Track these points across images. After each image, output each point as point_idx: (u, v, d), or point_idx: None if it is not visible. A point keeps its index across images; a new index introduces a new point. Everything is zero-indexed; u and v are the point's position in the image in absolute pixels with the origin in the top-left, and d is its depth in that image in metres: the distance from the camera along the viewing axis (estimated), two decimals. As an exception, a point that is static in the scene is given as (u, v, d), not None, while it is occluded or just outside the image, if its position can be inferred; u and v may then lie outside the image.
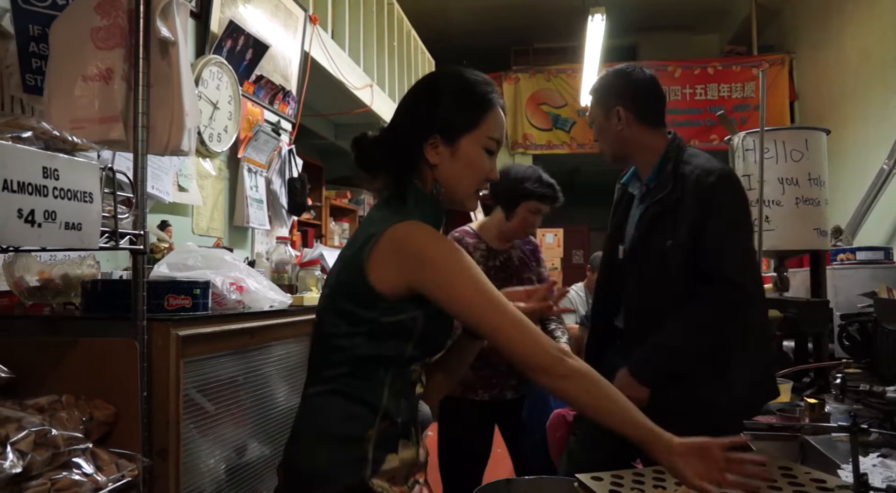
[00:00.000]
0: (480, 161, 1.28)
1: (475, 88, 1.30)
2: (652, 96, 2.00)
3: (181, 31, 1.66)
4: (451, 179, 1.28)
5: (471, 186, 1.29)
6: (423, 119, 1.28)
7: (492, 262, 2.47)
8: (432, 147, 1.27)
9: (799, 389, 2.26)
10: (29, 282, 1.66)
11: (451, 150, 1.27)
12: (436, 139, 1.26)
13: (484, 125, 1.28)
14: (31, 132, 1.26)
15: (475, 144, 1.27)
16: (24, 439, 1.21)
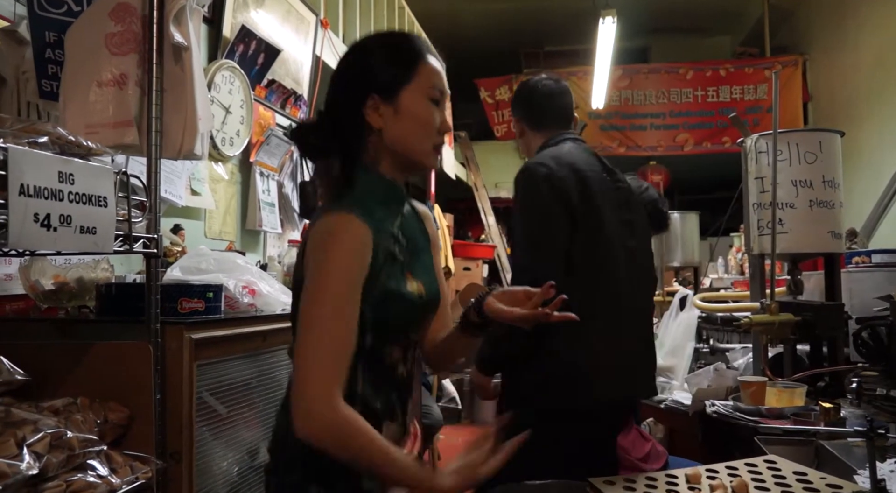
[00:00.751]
0: (428, 113, 1.20)
1: (402, 41, 1.24)
2: (543, 104, 2.06)
3: (194, 37, 1.67)
4: (401, 139, 1.19)
5: (425, 142, 1.21)
6: (355, 83, 1.20)
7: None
8: (373, 110, 1.18)
9: (814, 393, 2.24)
10: (44, 285, 1.68)
11: (393, 107, 1.18)
12: (374, 100, 1.18)
13: (421, 74, 1.20)
14: (46, 137, 1.27)
15: (418, 95, 1.19)
16: (40, 441, 1.22)
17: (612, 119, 8.49)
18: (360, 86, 1.19)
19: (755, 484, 1.46)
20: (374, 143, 1.20)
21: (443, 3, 8.03)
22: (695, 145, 8.32)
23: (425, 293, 1.23)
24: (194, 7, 1.68)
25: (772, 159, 2.48)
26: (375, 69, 1.19)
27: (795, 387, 2.15)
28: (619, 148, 8.52)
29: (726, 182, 4.90)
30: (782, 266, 2.98)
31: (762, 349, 2.45)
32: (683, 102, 8.34)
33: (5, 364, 1.39)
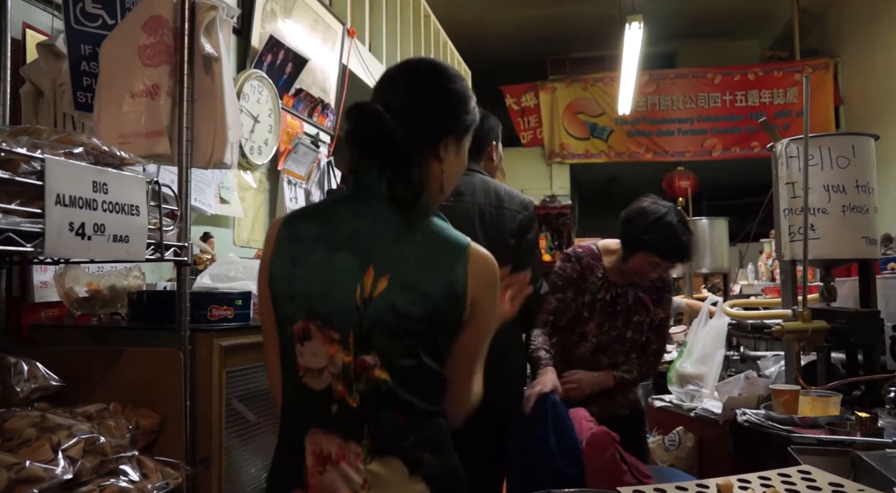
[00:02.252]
0: (466, 159, 1.32)
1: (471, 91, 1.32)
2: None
3: (224, 47, 1.69)
4: (450, 177, 1.28)
5: (455, 182, 1.33)
6: (450, 118, 1.25)
7: (602, 294, 2.27)
8: (444, 145, 1.24)
9: (849, 402, 2.19)
10: (78, 293, 1.71)
11: (457, 149, 1.28)
12: (453, 138, 1.26)
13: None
14: (81, 148, 1.30)
15: (467, 144, 1.31)
16: (75, 446, 1.24)
17: (638, 125, 8.43)
18: (452, 122, 1.26)
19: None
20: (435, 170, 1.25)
21: (468, 11, 8.06)
22: (723, 150, 8.23)
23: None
24: (224, 18, 1.70)
25: (803, 164, 2.44)
26: (469, 116, 1.29)
27: (830, 396, 2.11)
28: (646, 154, 8.46)
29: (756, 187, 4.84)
30: (814, 272, 2.92)
31: (795, 357, 2.40)
32: (711, 106, 8.26)
33: (41, 370, 1.42)
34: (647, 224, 2.13)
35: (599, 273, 2.28)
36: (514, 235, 2.10)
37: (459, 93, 1.28)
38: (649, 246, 2.13)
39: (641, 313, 2.30)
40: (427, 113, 1.23)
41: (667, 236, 2.11)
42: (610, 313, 2.27)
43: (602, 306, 2.26)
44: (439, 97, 1.26)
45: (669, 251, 2.14)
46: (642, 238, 2.13)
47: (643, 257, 2.16)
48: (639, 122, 8.41)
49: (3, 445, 1.21)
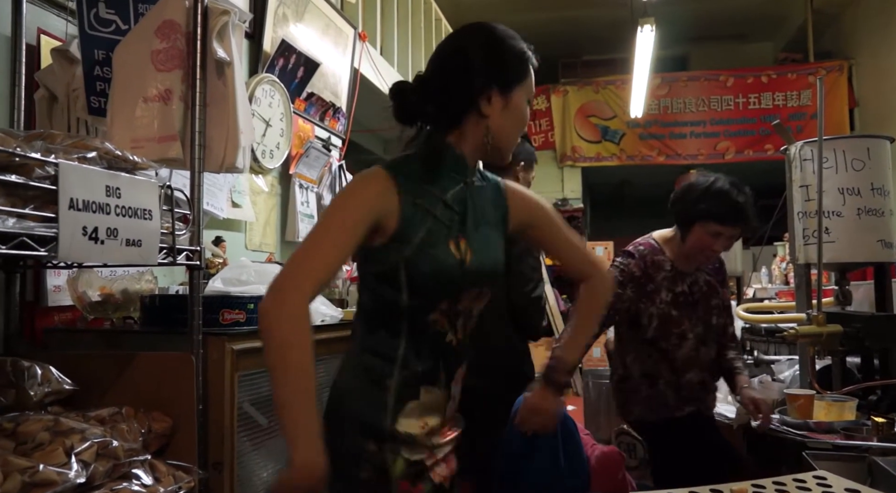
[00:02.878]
0: (525, 113, 1.31)
1: (520, 42, 1.33)
2: None
3: (236, 52, 1.70)
4: (501, 131, 1.28)
5: (516, 136, 1.32)
6: (480, 71, 1.25)
7: (679, 286, 2.17)
8: (487, 100, 1.25)
9: (865, 407, 2.16)
10: (91, 297, 1.72)
11: (504, 101, 1.27)
12: (493, 91, 1.26)
13: (529, 78, 1.31)
14: (95, 153, 1.31)
15: (523, 96, 1.30)
16: (88, 450, 1.24)
17: (650, 128, 8.39)
18: (485, 75, 1.25)
19: None
20: (472, 124, 1.27)
21: (479, 14, 8.06)
22: (736, 153, 8.17)
23: (470, 262, 1.23)
24: (236, 23, 1.71)
25: (817, 167, 2.42)
26: (503, 64, 1.27)
27: (845, 400, 2.08)
28: (658, 157, 8.42)
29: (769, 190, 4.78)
30: (829, 276, 2.89)
31: (809, 361, 2.38)
32: (724, 109, 8.21)
33: (54, 374, 1.43)
34: (698, 194, 2.07)
35: (668, 266, 2.17)
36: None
37: (490, 45, 1.29)
38: (704, 214, 2.04)
39: (715, 296, 2.24)
40: (452, 72, 1.27)
41: (720, 200, 2.03)
42: (692, 303, 2.18)
43: (685, 300, 2.17)
44: (462, 54, 1.28)
45: (726, 214, 2.03)
46: (696, 208, 2.06)
47: (701, 229, 2.06)
48: (651, 125, 8.37)
49: (16, 448, 1.22)
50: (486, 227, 1.31)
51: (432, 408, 1.24)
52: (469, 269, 1.23)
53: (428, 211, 1.21)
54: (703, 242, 2.08)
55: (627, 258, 2.19)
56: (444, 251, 1.20)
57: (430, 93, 1.27)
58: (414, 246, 1.19)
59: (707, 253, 2.12)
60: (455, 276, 1.21)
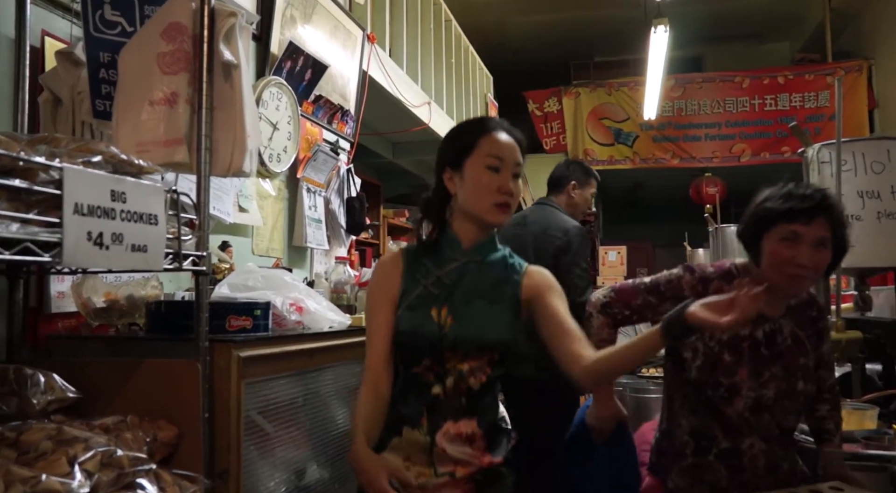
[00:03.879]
0: (485, 178, 1.46)
1: (469, 123, 1.58)
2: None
3: (243, 54, 1.67)
4: (465, 201, 1.49)
5: (483, 201, 1.47)
6: (439, 160, 1.54)
7: (748, 329, 1.66)
8: (448, 179, 1.51)
9: (886, 415, 2.12)
10: (96, 303, 1.70)
11: (459, 176, 1.49)
12: (449, 172, 1.51)
13: (480, 146, 1.48)
14: (100, 157, 1.28)
15: (477, 164, 1.47)
16: (91, 459, 1.22)
17: (664, 130, 8.34)
18: (441, 161, 1.54)
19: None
20: (453, 205, 1.53)
21: (490, 15, 8.04)
22: (752, 156, 8.11)
23: (449, 329, 1.44)
24: (243, 25, 1.69)
25: (835, 170, 2.38)
26: (449, 147, 1.54)
27: (866, 409, 2.04)
28: (672, 160, 8.36)
29: (786, 193, 4.73)
30: (848, 281, 2.85)
31: (828, 369, 2.33)
32: (740, 111, 8.14)
33: (58, 382, 1.41)
34: (759, 201, 1.65)
35: None
36: (553, 256, 2.67)
37: (444, 138, 1.58)
38: (771, 215, 1.59)
39: (804, 355, 1.69)
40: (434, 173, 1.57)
41: (787, 193, 1.60)
42: (767, 357, 1.65)
43: (752, 348, 1.65)
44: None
45: (799, 207, 1.55)
46: (758, 214, 1.63)
47: (772, 239, 1.58)
48: (665, 127, 8.32)
49: (18, 458, 1.20)
50: (482, 301, 1.49)
51: (415, 450, 1.45)
52: (447, 334, 1.44)
53: (419, 281, 1.49)
54: (778, 256, 1.57)
55: (684, 271, 1.73)
56: (423, 315, 1.45)
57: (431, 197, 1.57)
58: (402, 308, 1.47)
59: (789, 270, 1.56)
60: (433, 338, 1.44)
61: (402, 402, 1.47)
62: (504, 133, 1.51)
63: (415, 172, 6.77)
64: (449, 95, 5.86)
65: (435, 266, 1.50)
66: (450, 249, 1.51)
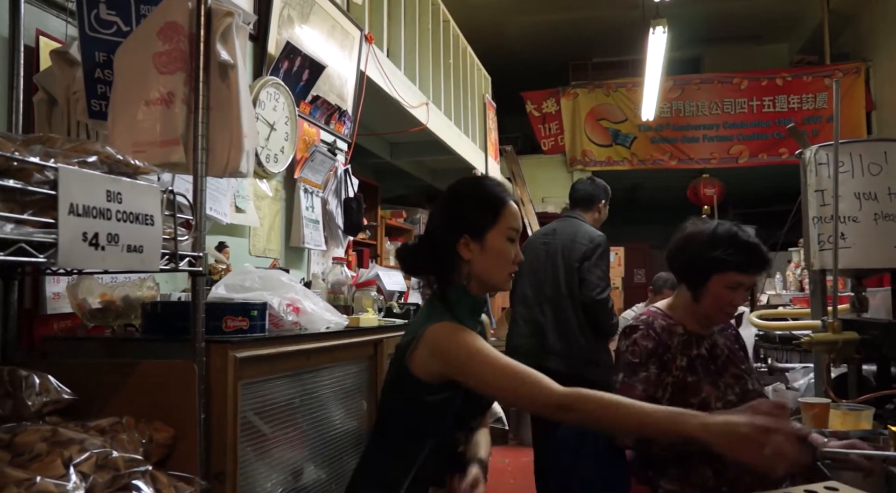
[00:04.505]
0: (506, 250, 1.53)
1: (490, 190, 1.57)
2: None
3: (240, 54, 1.67)
4: (484, 270, 1.53)
5: (503, 272, 1.54)
6: (453, 224, 1.54)
7: (695, 349, 1.89)
8: (464, 246, 1.52)
9: (882, 416, 2.11)
10: (91, 304, 1.69)
11: (480, 245, 1.52)
12: (466, 239, 1.52)
13: (503, 219, 1.53)
14: (95, 157, 1.28)
15: (499, 237, 1.53)
16: (87, 461, 1.21)
17: (662, 131, 8.35)
18: (456, 226, 1.53)
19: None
20: (461, 266, 1.54)
21: (488, 15, 8.04)
22: (750, 157, 8.12)
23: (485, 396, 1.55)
24: (240, 25, 1.68)
25: (833, 171, 2.37)
26: (469, 215, 1.54)
27: (862, 409, 2.03)
28: (670, 161, 8.37)
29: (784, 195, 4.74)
30: (845, 282, 2.85)
31: (824, 369, 2.33)
32: (738, 112, 8.15)
33: (53, 383, 1.40)
34: (705, 242, 1.84)
35: (680, 330, 1.89)
36: (580, 260, 3.22)
37: (454, 201, 1.59)
38: (721, 264, 1.79)
39: (743, 361, 1.94)
40: (436, 226, 1.58)
41: (736, 245, 1.81)
42: (716, 369, 1.86)
43: (703, 364, 1.86)
44: (441, 211, 1.59)
45: (747, 260, 1.81)
46: (708, 259, 1.81)
47: (719, 282, 1.81)
48: (663, 128, 8.33)
49: (13, 460, 1.19)
50: None
51: None
52: (485, 401, 1.57)
53: None
54: (721, 299, 1.83)
55: (631, 334, 1.88)
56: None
57: (423, 249, 1.57)
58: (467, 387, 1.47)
59: (727, 310, 1.86)
60: (484, 404, 1.60)
61: (432, 464, 1.51)
62: (514, 202, 1.58)
63: (412, 173, 6.77)
64: (447, 96, 5.86)
65: (473, 328, 1.53)
66: (475, 313, 1.59)
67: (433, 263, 1.56)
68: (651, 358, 1.81)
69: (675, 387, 1.81)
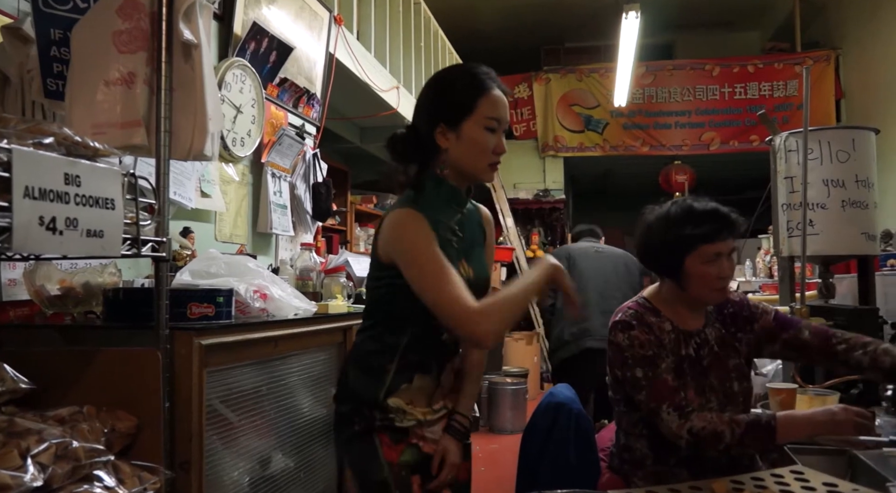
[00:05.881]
0: (483, 139, 1.50)
1: (469, 78, 1.52)
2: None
3: (204, 34, 1.63)
4: (460, 159, 1.51)
5: (480, 161, 1.52)
6: (429, 112, 1.52)
7: (683, 349, 1.75)
8: (441, 134, 1.50)
9: (847, 400, 2.15)
10: (50, 291, 1.65)
11: (456, 134, 1.49)
12: (442, 127, 1.49)
13: (480, 107, 1.49)
14: (52, 138, 1.24)
15: (476, 126, 1.49)
16: (45, 451, 1.18)
17: (634, 117, 8.38)
18: (433, 115, 1.51)
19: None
20: (444, 157, 1.52)
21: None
22: (721, 144, 8.19)
23: (473, 277, 1.54)
24: (204, 3, 1.64)
25: (802, 158, 2.40)
26: (445, 103, 1.51)
27: (827, 394, 2.07)
28: (642, 147, 8.41)
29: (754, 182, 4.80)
30: (813, 269, 2.89)
31: (792, 355, 2.36)
32: (709, 99, 8.21)
33: (9, 372, 1.36)
34: (664, 228, 1.75)
35: (668, 326, 1.76)
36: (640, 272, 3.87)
37: (433, 89, 1.55)
38: (688, 241, 1.69)
39: (734, 355, 1.79)
40: (417, 114, 1.56)
41: (693, 218, 1.71)
42: (701, 370, 1.74)
43: (690, 366, 1.74)
44: (421, 99, 1.56)
45: (710, 228, 1.68)
46: (674, 241, 1.71)
47: (695, 261, 1.69)
48: (635, 114, 8.36)
49: (-34, 452, 1.15)
50: (478, 246, 1.64)
51: (418, 394, 1.53)
52: (472, 284, 1.46)
53: (448, 240, 1.51)
54: (706, 276, 1.69)
55: (627, 331, 1.74)
56: (456, 270, 1.45)
57: (410, 138, 1.55)
58: None
59: (717, 285, 1.71)
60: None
61: (414, 351, 1.52)
62: (499, 90, 1.53)
63: (383, 158, 6.69)
64: (418, 80, 5.81)
65: (445, 219, 1.53)
66: (454, 202, 1.56)
67: (416, 151, 1.54)
68: (660, 348, 1.71)
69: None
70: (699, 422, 1.59)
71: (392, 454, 1.50)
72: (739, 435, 1.55)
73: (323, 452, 2.16)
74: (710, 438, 1.57)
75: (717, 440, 1.57)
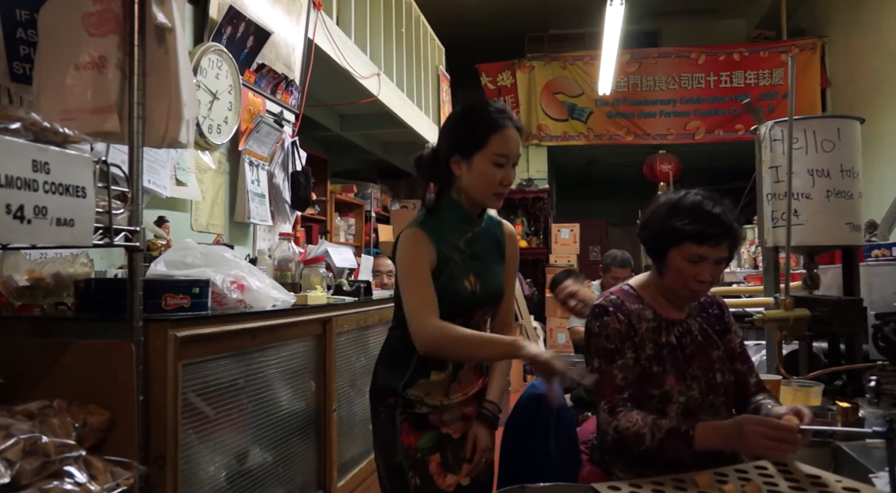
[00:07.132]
0: (490, 173, 1.68)
1: (483, 116, 1.70)
2: None
3: (178, 17, 1.59)
4: (469, 188, 1.72)
5: (486, 191, 1.71)
6: (448, 141, 1.74)
7: (664, 337, 1.76)
8: (455, 163, 1.71)
9: (831, 392, 2.16)
10: (18, 281, 1.61)
11: (468, 165, 1.69)
12: (457, 157, 1.71)
13: (491, 144, 1.67)
14: (19, 123, 1.20)
15: (485, 160, 1.68)
16: (13, 447, 1.16)
17: (619, 106, 8.38)
18: (450, 144, 1.73)
19: (768, 489, 1.41)
20: (458, 183, 1.74)
21: (445, -15, 7.90)
22: (706, 133, 8.21)
23: (480, 290, 1.74)
24: (178, -15, 1.59)
25: (787, 148, 2.39)
26: (461, 137, 1.71)
27: (812, 386, 2.08)
28: (626, 136, 8.41)
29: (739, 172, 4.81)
30: (797, 259, 2.89)
31: (776, 346, 2.37)
32: (695, 87, 8.22)
33: (-26, 366, 1.33)
34: (665, 212, 1.72)
35: (649, 314, 1.76)
36: None
37: (453, 121, 1.78)
38: (677, 234, 1.67)
39: (715, 348, 1.80)
40: (439, 141, 1.77)
41: (693, 213, 1.67)
42: (683, 358, 1.75)
43: (671, 353, 1.74)
44: (443, 129, 1.80)
45: (702, 231, 1.65)
46: (665, 229, 1.70)
47: (677, 255, 1.69)
48: (619, 103, 8.36)
49: (-70, 448, 1.12)
50: (492, 263, 1.81)
51: (435, 387, 1.73)
52: (479, 296, 1.74)
53: (450, 257, 1.70)
54: (684, 273, 1.69)
55: (601, 317, 1.75)
56: (461, 286, 1.71)
57: (432, 160, 1.77)
58: (440, 283, 1.67)
59: (692, 286, 1.71)
60: (468, 303, 1.73)
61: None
62: (512, 128, 1.69)
63: (363, 147, 6.65)
64: (399, 67, 5.75)
65: (454, 239, 1.73)
66: (464, 222, 1.76)
67: (437, 174, 1.76)
68: (625, 342, 1.72)
69: (638, 376, 1.72)
70: (625, 422, 1.62)
71: (410, 438, 1.71)
72: (659, 440, 1.57)
73: (302, 446, 2.14)
74: (633, 438, 1.61)
75: (639, 441, 1.60)
